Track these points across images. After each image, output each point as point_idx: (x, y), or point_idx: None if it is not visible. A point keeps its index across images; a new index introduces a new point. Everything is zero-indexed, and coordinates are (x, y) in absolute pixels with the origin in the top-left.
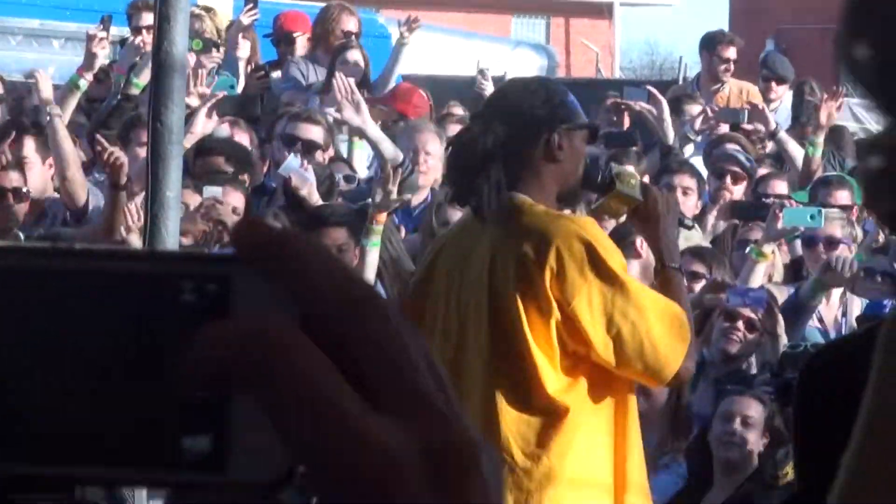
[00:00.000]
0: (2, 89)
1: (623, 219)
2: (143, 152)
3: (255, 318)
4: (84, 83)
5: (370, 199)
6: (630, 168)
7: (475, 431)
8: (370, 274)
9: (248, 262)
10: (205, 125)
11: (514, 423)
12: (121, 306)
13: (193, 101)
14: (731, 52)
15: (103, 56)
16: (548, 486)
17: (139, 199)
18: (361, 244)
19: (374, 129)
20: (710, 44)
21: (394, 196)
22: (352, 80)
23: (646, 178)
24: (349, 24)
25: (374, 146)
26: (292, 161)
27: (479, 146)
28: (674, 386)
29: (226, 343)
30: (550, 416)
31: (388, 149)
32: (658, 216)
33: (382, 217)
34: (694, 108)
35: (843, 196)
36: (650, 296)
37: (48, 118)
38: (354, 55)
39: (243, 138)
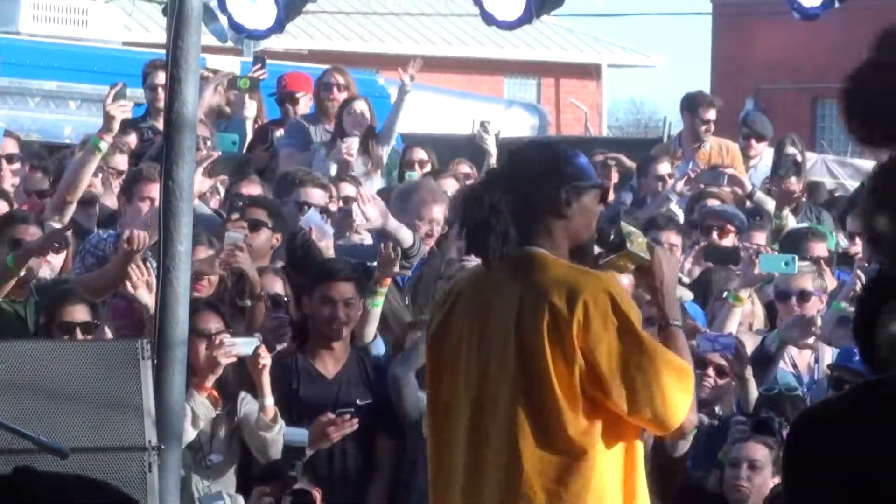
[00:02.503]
0: (18, 149)
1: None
2: (145, 206)
3: None
4: (105, 146)
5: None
6: (637, 229)
7: None
8: (372, 329)
9: None
10: (200, 184)
11: (536, 462)
12: None
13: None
14: (711, 114)
15: (122, 118)
16: None
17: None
18: (366, 303)
19: (392, 222)
20: (692, 105)
21: (396, 269)
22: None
23: None
24: (341, 79)
25: (393, 234)
26: (314, 214)
27: (486, 201)
28: (677, 436)
29: None
30: (570, 456)
31: (406, 238)
32: (663, 276)
33: (387, 282)
34: (663, 167)
35: (818, 248)
36: (662, 350)
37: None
38: (360, 106)
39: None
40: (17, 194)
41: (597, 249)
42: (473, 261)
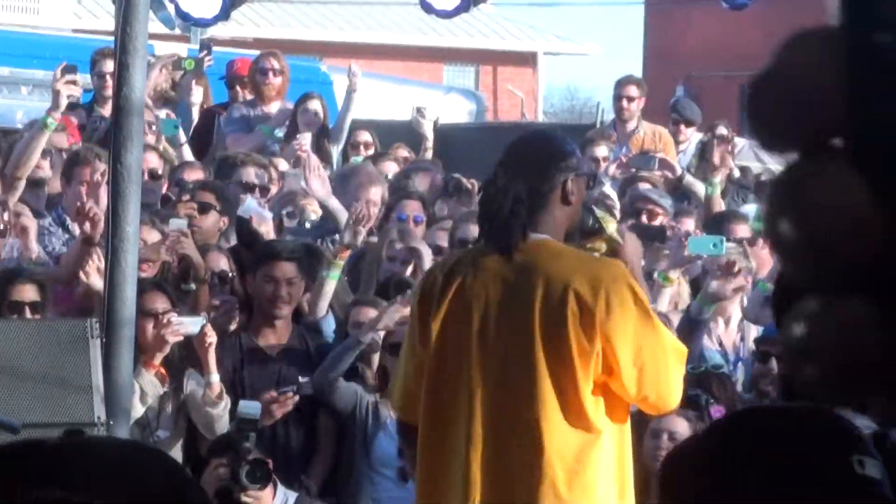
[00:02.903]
0: None
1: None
2: (83, 189)
3: None
4: (53, 123)
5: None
6: (611, 217)
7: None
8: (325, 303)
9: None
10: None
11: (558, 442)
12: None
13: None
14: (633, 90)
15: (68, 98)
16: (583, 499)
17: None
18: (322, 275)
19: (334, 202)
20: (617, 87)
21: (358, 239)
22: (315, 160)
23: None
24: (276, 63)
25: (334, 213)
26: (251, 202)
27: (511, 192)
28: (668, 413)
29: None
30: (587, 436)
31: (343, 221)
32: (632, 256)
33: (345, 254)
34: (600, 150)
35: (741, 230)
36: (668, 336)
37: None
38: (314, 105)
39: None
40: None
41: None
42: None
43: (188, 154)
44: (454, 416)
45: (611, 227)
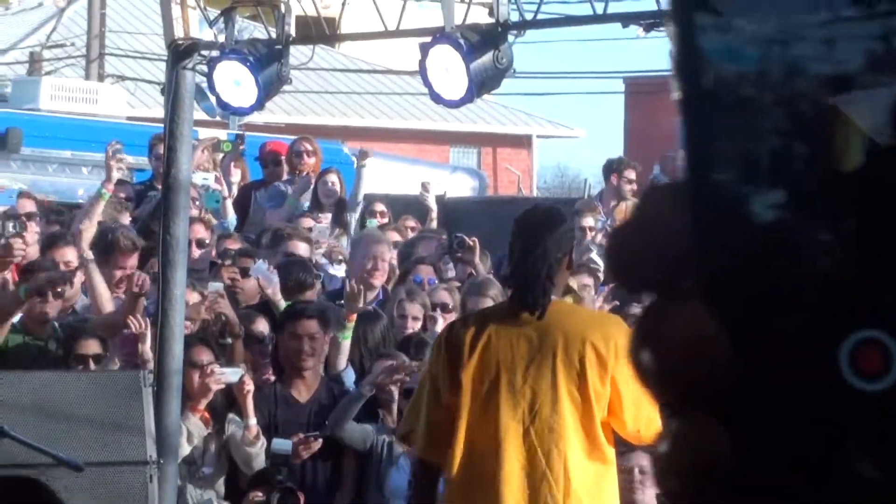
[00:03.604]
0: (35, 208)
1: None
2: (118, 274)
3: None
4: (107, 194)
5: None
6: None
7: None
8: (343, 359)
9: None
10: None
11: (580, 472)
12: None
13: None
14: (633, 174)
15: (119, 173)
16: None
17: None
18: (336, 337)
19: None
20: (618, 167)
21: (360, 304)
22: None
23: None
24: (308, 146)
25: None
26: (261, 265)
27: (546, 261)
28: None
29: None
30: (602, 466)
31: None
32: (589, 307)
33: (353, 317)
34: (587, 220)
35: None
36: None
37: (84, 264)
38: (332, 178)
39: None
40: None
41: None
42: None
43: (233, 220)
44: (488, 458)
45: (575, 286)
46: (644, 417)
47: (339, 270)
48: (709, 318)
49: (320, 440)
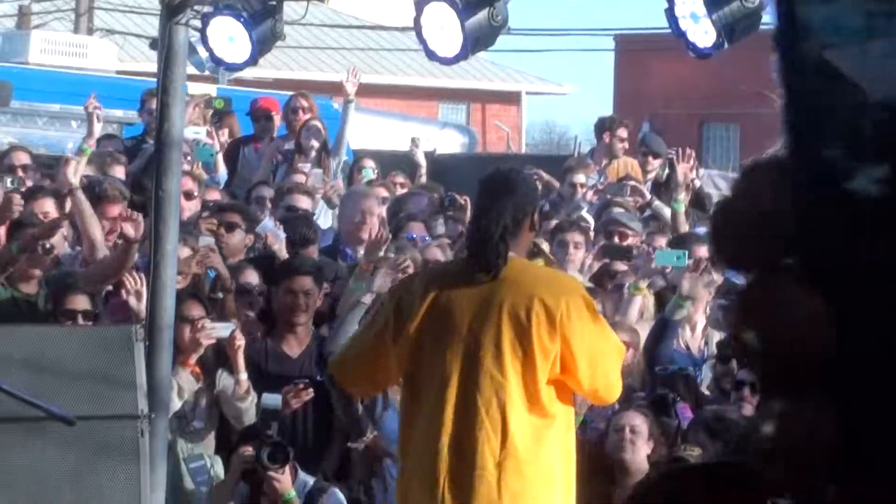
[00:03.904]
0: (30, 160)
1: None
2: (105, 224)
3: None
4: (89, 149)
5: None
6: (545, 243)
7: None
8: (356, 314)
9: None
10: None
11: (520, 425)
12: None
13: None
14: (625, 133)
15: (99, 126)
16: (535, 471)
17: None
18: (350, 287)
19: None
20: (610, 126)
21: (381, 254)
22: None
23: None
24: (304, 102)
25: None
26: (268, 222)
27: (500, 223)
28: (608, 404)
29: None
30: (544, 420)
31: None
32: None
33: (369, 267)
34: (578, 177)
35: (700, 250)
36: (613, 335)
37: (72, 193)
38: (316, 122)
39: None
40: None
41: None
42: None
43: (224, 175)
44: (427, 401)
45: (546, 250)
46: (601, 376)
47: (325, 221)
48: (815, 296)
49: (311, 390)
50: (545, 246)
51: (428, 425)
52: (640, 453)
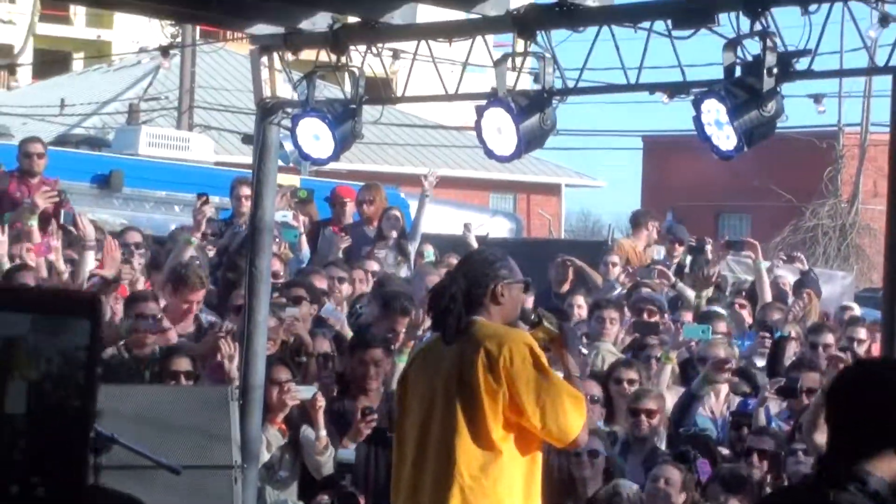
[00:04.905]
0: (141, 238)
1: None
2: (189, 309)
3: None
4: (195, 241)
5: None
6: (550, 315)
7: None
8: (397, 376)
9: None
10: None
11: (465, 457)
12: None
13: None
14: (657, 224)
15: (204, 222)
16: (483, 499)
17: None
18: (394, 360)
19: None
20: (643, 218)
21: (420, 333)
22: None
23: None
24: (368, 195)
25: None
26: (329, 306)
27: (447, 293)
28: (572, 448)
29: None
30: (489, 453)
31: None
32: (567, 344)
33: (411, 343)
34: (613, 258)
35: (720, 325)
36: (565, 385)
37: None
38: (395, 212)
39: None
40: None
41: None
42: None
43: (307, 254)
44: (403, 448)
45: (550, 322)
46: (552, 419)
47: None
48: None
49: (375, 415)
50: (551, 318)
51: (402, 467)
52: (674, 502)
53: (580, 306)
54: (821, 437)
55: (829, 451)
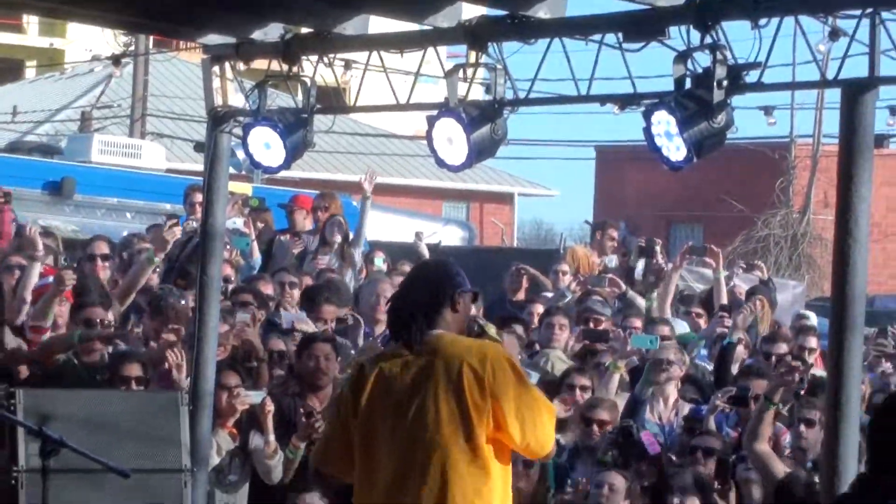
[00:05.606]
0: (109, 249)
1: None
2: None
3: None
4: (157, 260)
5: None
6: (491, 325)
7: None
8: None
9: None
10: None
11: (459, 479)
12: None
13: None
14: (615, 233)
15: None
16: None
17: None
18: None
19: None
20: (602, 227)
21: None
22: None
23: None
24: (324, 203)
25: None
26: (286, 315)
27: (408, 302)
28: (544, 460)
29: None
30: (482, 474)
31: None
32: (508, 350)
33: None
34: (564, 267)
35: (665, 330)
36: (541, 396)
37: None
38: (339, 218)
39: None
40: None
41: None
42: None
43: (258, 260)
44: (377, 468)
45: (491, 331)
46: (531, 431)
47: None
48: None
49: (319, 416)
50: (491, 328)
51: (375, 493)
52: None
53: (539, 314)
54: (761, 446)
55: (870, 468)
